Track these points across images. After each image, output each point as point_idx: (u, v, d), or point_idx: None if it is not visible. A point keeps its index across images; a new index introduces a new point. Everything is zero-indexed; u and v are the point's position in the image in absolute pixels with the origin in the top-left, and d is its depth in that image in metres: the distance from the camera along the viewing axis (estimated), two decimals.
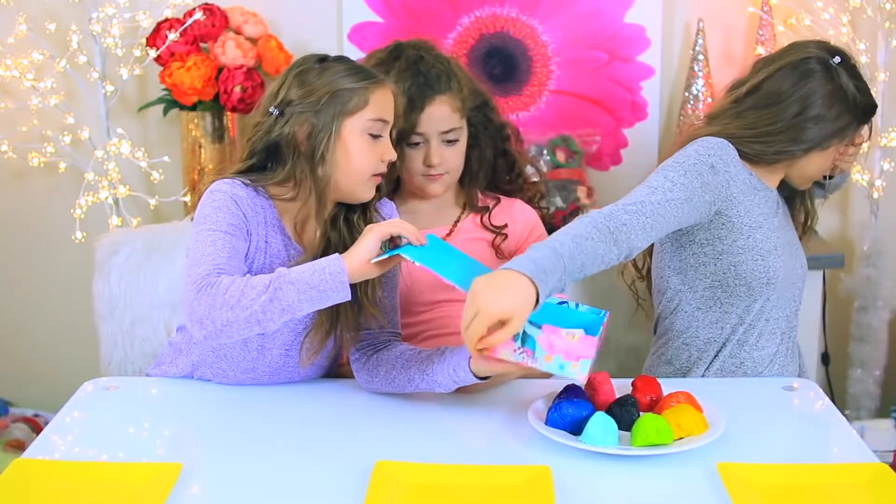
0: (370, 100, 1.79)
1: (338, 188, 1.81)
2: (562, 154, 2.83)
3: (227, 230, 1.72)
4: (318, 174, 1.77)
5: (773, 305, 2.01)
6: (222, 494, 1.51)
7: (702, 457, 1.57)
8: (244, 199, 1.77)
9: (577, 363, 1.58)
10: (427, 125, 2.04)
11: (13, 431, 2.86)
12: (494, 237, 2.14)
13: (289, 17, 2.87)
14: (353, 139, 1.78)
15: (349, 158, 1.79)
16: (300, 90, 1.78)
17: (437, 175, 2.08)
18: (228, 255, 1.69)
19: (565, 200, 2.76)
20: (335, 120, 1.77)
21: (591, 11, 2.86)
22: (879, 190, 2.82)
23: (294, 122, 1.77)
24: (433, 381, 1.75)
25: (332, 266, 1.64)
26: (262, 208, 1.80)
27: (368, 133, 1.80)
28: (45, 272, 3.02)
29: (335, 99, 1.77)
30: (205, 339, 1.64)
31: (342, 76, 1.79)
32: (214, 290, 1.62)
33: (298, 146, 1.78)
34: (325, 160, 1.77)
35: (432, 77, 2.05)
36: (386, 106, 1.82)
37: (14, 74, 2.76)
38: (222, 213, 1.74)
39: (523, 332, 1.59)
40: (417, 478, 1.52)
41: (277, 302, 1.62)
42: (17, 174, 2.95)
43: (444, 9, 2.87)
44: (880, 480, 1.50)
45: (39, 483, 1.51)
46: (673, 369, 2.06)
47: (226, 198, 1.76)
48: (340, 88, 1.77)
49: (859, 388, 2.89)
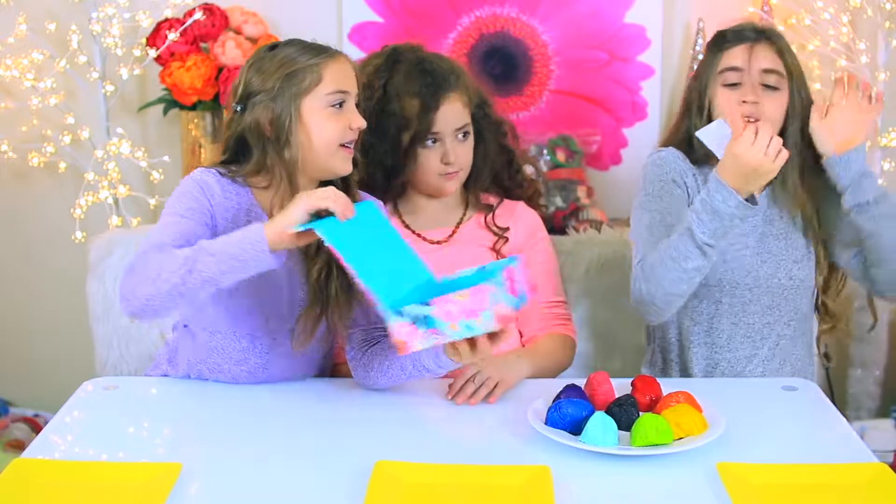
0: (324, 75, 1.80)
1: (311, 166, 1.83)
2: (562, 154, 2.83)
3: (182, 214, 1.76)
4: (285, 157, 1.80)
5: (738, 311, 2.01)
6: (222, 494, 1.51)
7: (701, 457, 1.56)
8: (212, 185, 1.81)
9: (479, 317, 1.57)
10: (442, 124, 2.05)
11: (13, 431, 2.86)
12: (496, 240, 2.14)
13: (289, 17, 2.87)
14: (314, 116, 1.80)
15: (314, 136, 1.80)
16: (256, 80, 1.81)
17: (453, 173, 2.08)
18: (173, 238, 1.71)
19: (565, 200, 2.77)
20: (293, 101, 1.79)
21: (591, 11, 2.86)
22: None
23: (256, 112, 1.80)
24: (422, 367, 1.78)
25: (252, 235, 1.63)
26: (238, 195, 1.83)
27: (329, 106, 1.81)
28: (45, 272, 3.02)
29: (290, 81, 1.79)
30: (131, 315, 1.69)
31: (292, 58, 1.81)
32: (139, 267, 1.67)
33: (263, 134, 1.81)
34: (291, 142, 1.79)
35: (440, 75, 2.06)
36: (342, 77, 1.83)
37: (14, 74, 2.76)
38: (184, 198, 1.79)
39: (418, 316, 1.56)
40: (417, 478, 1.52)
41: (197, 273, 1.63)
42: (17, 174, 2.95)
43: (444, 9, 2.87)
44: (880, 480, 1.50)
45: (39, 483, 1.51)
46: (655, 371, 2.09)
47: (192, 184, 1.81)
48: (292, 70, 1.79)
49: (859, 388, 2.89)
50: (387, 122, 2.05)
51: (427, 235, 2.13)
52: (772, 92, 1.94)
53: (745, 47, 1.96)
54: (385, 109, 2.05)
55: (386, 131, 2.05)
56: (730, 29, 2.00)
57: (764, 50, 1.96)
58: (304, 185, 1.83)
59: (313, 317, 1.83)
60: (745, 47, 1.96)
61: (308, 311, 1.83)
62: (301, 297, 1.85)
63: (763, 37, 1.97)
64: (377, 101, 2.05)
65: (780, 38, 1.99)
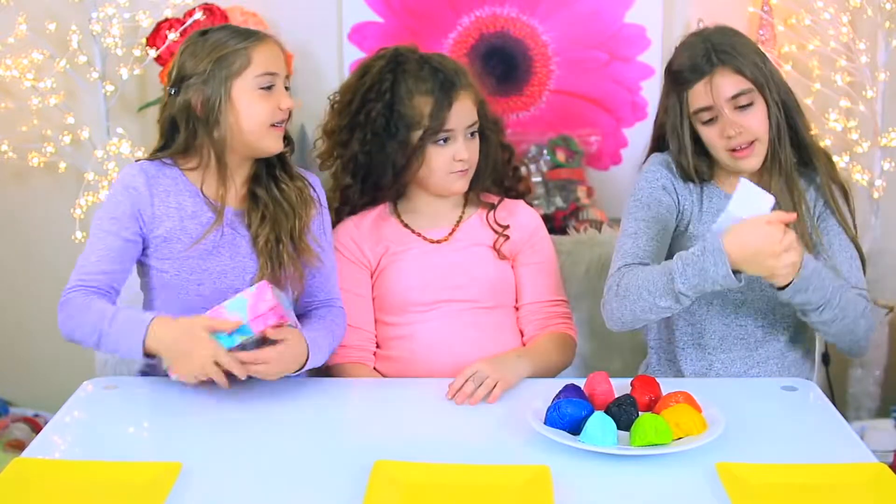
0: (253, 57, 1.87)
1: (241, 146, 1.90)
2: (562, 154, 2.83)
3: (107, 228, 1.90)
4: (214, 137, 1.87)
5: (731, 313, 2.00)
6: (222, 494, 1.51)
7: (701, 457, 1.56)
8: (135, 180, 1.90)
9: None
10: (455, 121, 2.05)
11: (13, 431, 2.86)
12: (496, 238, 2.14)
13: (289, 17, 2.87)
14: (243, 98, 1.87)
15: (243, 117, 1.87)
16: (189, 64, 1.88)
17: (463, 171, 2.08)
18: (99, 258, 1.89)
19: (565, 200, 2.77)
20: (223, 83, 1.86)
21: (591, 11, 2.86)
22: (879, 190, 2.82)
23: (188, 94, 1.87)
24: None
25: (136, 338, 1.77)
26: (171, 178, 1.93)
27: (259, 88, 1.87)
28: (45, 272, 3.02)
29: (220, 64, 1.86)
30: (67, 340, 1.87)
31: (222, 42, 1.87)
32: (68, 308, 1.86)
33: (194, 115, 1.88)
34: (220, 123, 1.87)
35: (450, 73, 2.06)
36: (270, 60, 1.89)
37: (14, 74, 2.77)
38: (110, 204, 1.91)
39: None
40: (416, 477, 1.52)
41: (104, 345, 1.82)
42: (17, 174, 2.96)
43: (444, 9, 2.87)
44: (880, 480, 1.50)
45: (39, 483, 1.51)
46: (650, 372, 2.11)
47: (115, 188, 1.93)
48: (222, 53, 1.86)
49: (859, 388, 2.89)
50: (396, 123, 2.05)
51: (427, 234, 2.13)
52: (747, 109, 1.90)
53: (705, 83, 1.89)
54: (394, 110, 2.05)
55: (395, 132, 2.05)
56: (685, 64, 1.92)
57: (723, 77, 1.88)
58: (234, 163, 1.92)
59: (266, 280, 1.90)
60: (704, 83, 1.89)
61: (260, 275, 1.91)
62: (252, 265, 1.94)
63: (718, 62, 1.89)
64: (385, 103, 2.05)
65: (734, 56, 1.90)
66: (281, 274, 1.92)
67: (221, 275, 1.92)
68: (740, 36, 1.97)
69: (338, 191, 2.16)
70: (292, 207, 1.94)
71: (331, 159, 2.17)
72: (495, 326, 2.09)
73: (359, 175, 2.12)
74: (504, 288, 2.13)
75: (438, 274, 2.10)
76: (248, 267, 1.93)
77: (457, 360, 1.96)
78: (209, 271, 1.92)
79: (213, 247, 1.91)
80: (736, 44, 1.93)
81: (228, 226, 1.92)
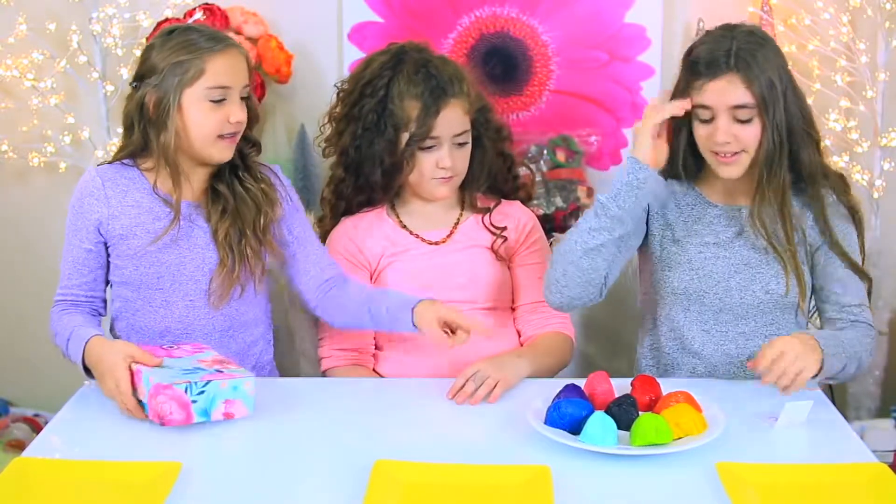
0: (206, 69, 1.87)
1: (189, 151, 1.91)
2: (562, 154, 2.83)
3: (71, 240, 1.96)
4: (160, 141, 1.88)
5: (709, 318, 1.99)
6: (222, 494, 1.51)
7: (701, 457, 1.57)
8: (92, 182, 1.93)
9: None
10: (442, 128, 2.04)
11: (13, 431, 2.86)
12: (494, 240, 2.14)
13: (289, 17, 2.87)
14: (192, 107, 1.87)
15: (189, 126, 1.88)
16: (150, 63, 1.89)
17: (447, 178, 2.08)
18: (70, 272, 1.96)
19: (565, 200, 2.77)
20: (175, 90, 1.86)
21: (591, 11, 2.86)
22: (879, 190, 2.82)
23: (145, 91, 1.88)
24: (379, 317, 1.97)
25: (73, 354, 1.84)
26: (129, 178, 1.94)
27: (209, 100, 1.88)
28: (45, 272, 3.00)
29: (174, 69, 1.86)
30: None
31: (180, 48, 1.87)
32: (50, 323, 1.94)
33: (147, 115, 1.89)
34: (168, 127, 1.87)
35: (444, 80, 2.05)
36: (224, 72, 1.89)
37: (14, 74, 2.77)
38: (71, 215, 1.96)
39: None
40: (416, 477, 1.52)
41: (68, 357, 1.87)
42: (18, 174, 2.95)
43: (444, 9, 2.87)
44: (880, 480, 1.51)
45: (39, 482, 1.51)
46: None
47: (75, 196, 1.96)
48: (178, 60, 1.86)
49: (859, 388, 2.88)
50: (386, 121, 2.05)
51: (424, 236, 2.13)
52: (745, 124, 1.88)
53: (715, 84, 1.87)
54: (386, 108, 2.05)
55: (384, 130, 2.05)
56: (703, 56, 1.89)
57: (732, 83, 1.85)
58: (187, 166, 1.93)
59: (226, 272, 1.93)
60: (714, 84, 1.87)
61: (220, 268, 1.93)
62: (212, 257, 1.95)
63: (735, 66, 1.85)
64: (379, 100, 2.05)
65: (751, 67, 1.86)
66: (242, 268, 1.94)
67: (180, 266, 1.94)
68: (769, 48, 1.91)
69: (332, 184, 2.16)
70: (256, 204, 1.95)
71: (331, 147, 2.17)
72: (494, 327, 2.09)
73: (350, 169, 2.12)
74: (502, 289, 2.14)
75: (437, 275, 2.10)
76: (208, 258, 1.94)
77: (456, 360, 1.96)
78: (167, 264, 1.93)
79: (171, 240, 1.92)
80: (760, 55, 1.88)
81: (185, 218, 1.93)
